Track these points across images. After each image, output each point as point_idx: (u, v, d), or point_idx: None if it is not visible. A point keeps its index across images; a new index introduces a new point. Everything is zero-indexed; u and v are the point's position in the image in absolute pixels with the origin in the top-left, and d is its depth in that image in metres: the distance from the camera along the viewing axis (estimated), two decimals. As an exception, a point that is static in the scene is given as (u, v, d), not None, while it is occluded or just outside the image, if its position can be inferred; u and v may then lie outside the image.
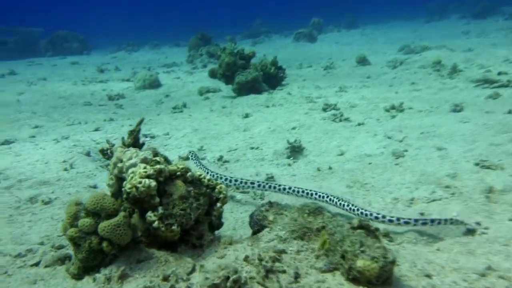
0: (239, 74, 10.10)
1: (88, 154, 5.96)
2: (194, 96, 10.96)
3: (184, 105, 9.46)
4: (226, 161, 5.86)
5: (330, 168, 5.44)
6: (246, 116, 8.35)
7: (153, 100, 10.69)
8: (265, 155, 6.07)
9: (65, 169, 5.36)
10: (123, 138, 3.52)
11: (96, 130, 7.67)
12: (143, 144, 3.65)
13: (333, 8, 37.86)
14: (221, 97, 10.46)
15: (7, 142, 6.68)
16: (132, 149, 3.36)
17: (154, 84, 12.34)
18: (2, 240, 3.62)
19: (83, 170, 5.38)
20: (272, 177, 5.20)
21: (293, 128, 7.35)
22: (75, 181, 5.06)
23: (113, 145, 3.48)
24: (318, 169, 5.44)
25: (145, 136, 7.02)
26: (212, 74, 10.71)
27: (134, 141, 3.59)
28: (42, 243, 3.59)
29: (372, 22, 32.86)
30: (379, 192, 4.61)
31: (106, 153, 3.52)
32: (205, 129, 7.66)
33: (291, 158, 5.93)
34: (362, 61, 13.81)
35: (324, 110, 8.25)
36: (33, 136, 7.29)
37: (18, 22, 32.75)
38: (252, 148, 6.36)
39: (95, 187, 4.94)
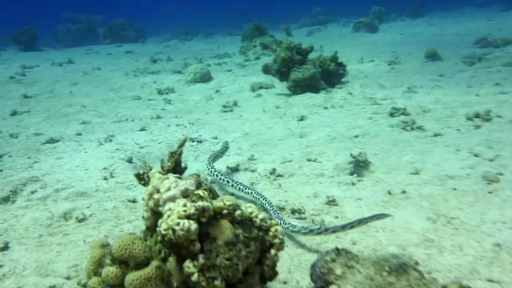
0: (295, 71, 9.26)
1: (130, 160, 5.51)
2: (245, 92, 10.29)
3: (235, 103, 8.83)
4: (279, 175, 5.14)
5: (403, 192, 4.56)
6: (302, 119, 7.54)
7: (203, 96, 10.17)
8: (324, 170, 5.27)
9: (105, 178, 4.93)
10: (162, 161, 2.92)
11: (142, 130, 7.25)
12: (185, 168, 3.01)
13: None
14: (274, 94, 9.71)
15: (52, 141, 6.43)
16: (172, 177, 2.73)
17: (205, 77, 11.83)
18: (26, 270, 3.19)
19: (123, 180, 4.92)
20: (334, 200, 4.42)
21: (356, 136, 6.46)
22: (114, 193, 4.60)
23: (150, 169, 2.87)
24: (389, 192, 4.57)
25: (192, 140, 6.47)
26: (266, 70, 9.95)
27: (175, 165, 2.97)
28: (68, 277, 3.11)
29: (439, 10, 30.32)
30: (473, 232, 3.68)
31: (142, 178, 2.92)
32: (257, 133, 6.96)
33: (355, 175, 5.10)
34: (432, 55, 12.34)
35: (391, 115, 7.26)
36: (79, 134, 7.01)
37: (80, 9, 33.90)
38: (309, 160, 5.58)
39: (134, 201, 4.46)
